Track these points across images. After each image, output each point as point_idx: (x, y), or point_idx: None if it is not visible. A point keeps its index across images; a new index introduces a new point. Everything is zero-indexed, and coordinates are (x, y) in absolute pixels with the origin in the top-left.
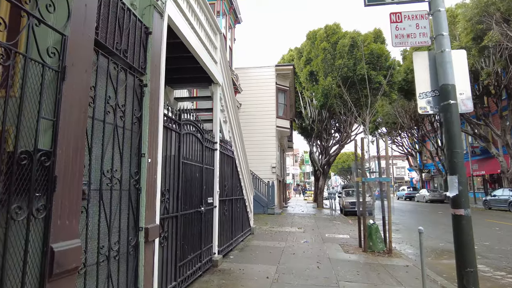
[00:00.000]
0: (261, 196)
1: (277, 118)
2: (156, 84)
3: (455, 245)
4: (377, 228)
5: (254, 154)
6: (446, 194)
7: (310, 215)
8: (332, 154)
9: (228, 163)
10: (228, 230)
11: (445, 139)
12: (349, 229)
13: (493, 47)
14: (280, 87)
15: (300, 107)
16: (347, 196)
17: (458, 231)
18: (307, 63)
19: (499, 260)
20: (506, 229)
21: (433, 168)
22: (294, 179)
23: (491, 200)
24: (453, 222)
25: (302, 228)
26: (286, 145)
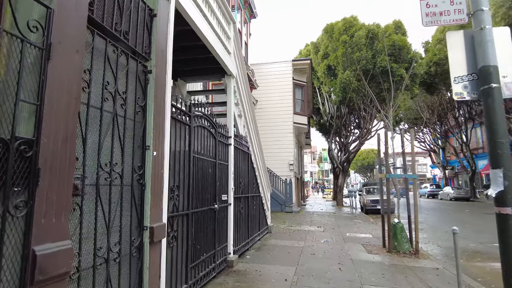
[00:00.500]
0: (279, 194)
1: (294, 114)
2: (162, 71)
3: (501, 248)
4: (402, 228)
5: (271, 151)
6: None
7: (329, 213)
8: (352, 151)
9: (244, 159)
10: (244, 228)
11: (486, 128)
12: (371, 228)
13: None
14: (297, 82)
15: (318, 103)
16: (368, 194)
17: (505, 232)
18: (324, 58)
19: None
20: None
21: (457, 164)
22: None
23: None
24: (498, 222)
25: (322, 227)
26: (303, 142)
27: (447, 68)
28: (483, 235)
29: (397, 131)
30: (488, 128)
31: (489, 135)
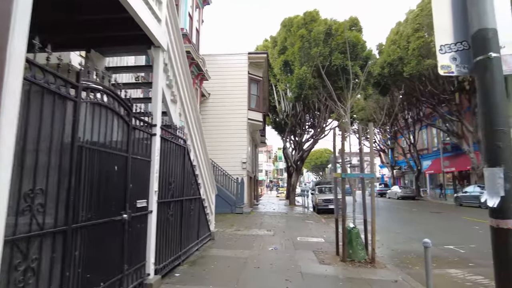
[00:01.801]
0: (229, 194)
1: (249, 110)
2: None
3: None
4: (358, 233)
5: (222, 148)
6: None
7: (281, 213)
8: (306, 149)
9: (178, 154)
10: (175, 239)
11: (481, 113)
12: (323, 230)
13: None
14: (253, 77)
15: (274, 101)
16: (320, 193)
17: (504, 253)
18: (281, 53)
19: None
20: (485, 228)
21: (404, 164)
22: (267, 175)
23: (462, 196)
24: (494, 239)
25: (272, 230)
26: (258, 140)
27: (399, 69)
28: (434, 236)
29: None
30: (484, 113)
31: (484, 122)
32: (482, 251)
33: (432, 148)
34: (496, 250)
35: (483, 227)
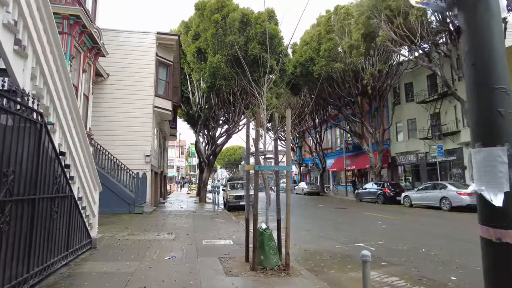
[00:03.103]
0: (127, 191)
1: (156, 97)
2: None
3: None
4: (270, 235)
5: (121, 138)
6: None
7: (189, 212)
8: (219, 144)
9: (25, 133)
10: (15, 256)
11: (468, 64)
12: (232, 229)
13: (378, 48)
14: (162, 60)
15: (187, 92)
16: (232, 190)
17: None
18: (195, 39)
19: (407, 266)
20: (387, 223)
21: (311, 162)
22: (179, 171)
23: (362, 192)
24: (492, 256)
25: (174, 232)
26: (168, 132)
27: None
28: (342, 232)
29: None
30: (473, 64)
31: (474, 77)
32: (390, 248)
33: (335, 147)
34: (496, 271)
35: (385, 222)
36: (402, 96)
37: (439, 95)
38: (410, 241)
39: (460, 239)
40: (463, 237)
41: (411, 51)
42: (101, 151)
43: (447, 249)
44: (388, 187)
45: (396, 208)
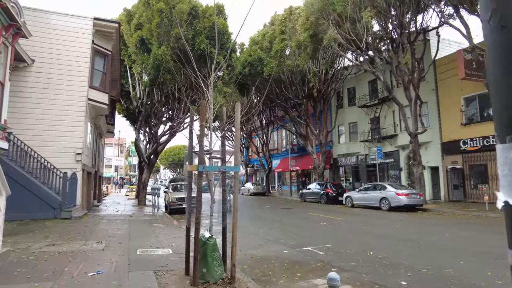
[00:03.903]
0: (52, 194)
1: (90, 89)
2: None
3: None
4: (214, 245)
5: (47, 134)
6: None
7: (125, 216)
8: (162, 142)
9: None
10: None
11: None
12: (173, 236)
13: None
14: (99, 49)
15: (128, 86)
16: (174, 191)
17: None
18: (138, 28)
19: (358, 271)
20: (332, 224)
21: (257, 163)
22: (117, 171)
23: (306, 193)
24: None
25: (105, 241)
26: (104, 128)
27: (259, 70)
28: (290, 235)
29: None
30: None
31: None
32: (338, 251)
33: (281, 148)
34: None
35: (330, 223)
36: (345, 100)
37: (379, 100)
38: (357, 244)
39: (403, 239)
40: (405, 237)
41: (356, 56)
42: (22, 148)
43: (393, 250)
44: (331, 188)
45: (338, 209)
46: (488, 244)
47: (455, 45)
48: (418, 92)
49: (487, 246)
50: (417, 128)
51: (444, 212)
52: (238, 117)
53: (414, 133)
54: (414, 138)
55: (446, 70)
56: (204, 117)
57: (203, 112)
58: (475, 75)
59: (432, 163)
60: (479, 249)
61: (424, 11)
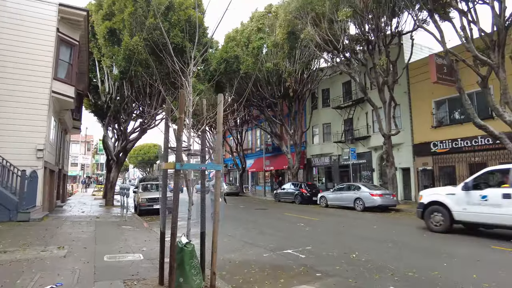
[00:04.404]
0: (7, 194)
1: (54, 80)
2: None
3: None
4: (192, 252)
5: (4, 128)
6: None
7: (91, 218)
8: (131, 139)
9: None
10: None
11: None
12: (143, 238)
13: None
14: (65, 38)
15: (96, 80)
16: (145, 191)
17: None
18: (106, 19)
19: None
20: (309, 224)
21: (231, 162)
22: (84, 170)
23: (280, 193)
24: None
25: (67, 246)
26: (70, 124)
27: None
28: (268, 237)
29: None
30: None
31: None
32: (320, 254)
33: (255, 148)
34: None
35: (307, 224)
36: (320, 101)
37: (353, 102)
38: (337, 246)
39: (382, 240)
40: (384, 238)
41: (333, 57)
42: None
43: (375, 253)
44: (305, 188)
45: (313, 209)
46: (464, 245)
47: (426, 50)
48: (394, 93)
49: (463, 246)
50: (391, 129)
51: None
52: (221, 109)
53: (387, 135)
54: (388, 140)
55: (417, 74)
56: (183, 108)
57: (182, 102)
58: (446, 79)
59: (403, 164)
60: (458, 250)
61: (399, 15)
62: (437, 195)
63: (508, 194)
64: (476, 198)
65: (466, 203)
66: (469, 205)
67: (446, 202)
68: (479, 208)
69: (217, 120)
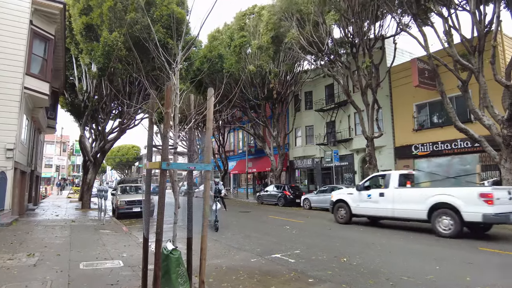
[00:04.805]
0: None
1: (27, 76)
2: None
3: None
4: (179, 259)
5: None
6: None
7: (66, 222)
8: (110, 140)
9: None
10: None
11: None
12: (123, 243)
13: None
14: (40, 32)
15: (73, 79)
16: (124, 194)
17: None
18: (84, 13)
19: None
20: (295, 227)
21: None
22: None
23: (264, 195)
24: None
25: (38, 253)
26: (44, 123)
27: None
28: (254, 240)
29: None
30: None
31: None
32: (309, 258)
33: (238, 150)
34: None
35: (293, 227)
36: (302, 103)
37: (335, 105)
38: (326, 249)
39: (370, 243)
40: (372, 240)
41: (317, 60)
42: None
43: (366, 256)
44: (288, 190)
45: (297, 211)
46: (450, 245)
47: (407, 55)
48: (377, 96)
49: (449, 248)
50: (373, 132)
51: None
52: (211, 104)
53: (370, 137)
54: (371, 142)
55: (399, 78)
56: (170, 102)
57: (169, 96)
58: (428, 83)
59: (385, 166)
60: (446, 251)
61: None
62: (342, 194)
63: (382, 193)
64: (365, 196)
65: (359, 200)
66: (361, 202)
67: (347, 199)
68: (367, 204)
69: (207, 116)
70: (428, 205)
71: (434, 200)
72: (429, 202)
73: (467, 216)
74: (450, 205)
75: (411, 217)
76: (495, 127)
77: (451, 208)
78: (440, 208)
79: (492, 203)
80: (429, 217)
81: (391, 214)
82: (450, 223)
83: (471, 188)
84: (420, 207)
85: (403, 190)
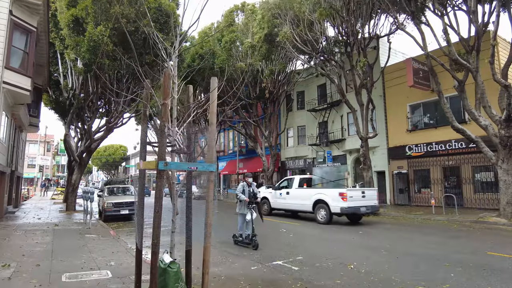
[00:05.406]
0: None
1: (6, 69)
2: None
3: None
4: (177, 273)
5: None
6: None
7: (49, 225)
8: (96, 139)
9: None
10: None
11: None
12: (111, 250)
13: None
14: (20, 23)
15: (58, 75)
16: (111, 195)
17: None
18: (72, 5)
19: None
20: (292, 231)
21: None
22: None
23: None
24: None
25: (16, 262)
26: (26, 120)
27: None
28: None
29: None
30: None
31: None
32: (313, 265)
33: (228, 150)
34: None
35: (290, 230)
36: (295, 103)
37: (328, 105)
38: (330, 255)
39: (375, 247)
40: (376, 244)
41: (310, 59)
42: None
43: (373, 262)
44: None
45: None
46: (461, 251)
47: (400, 55)
48: (371, 96)
49: (461, 253)
50: (368, 132)
51: (394, 215)
52: (214, 96)
53: (365, 137)
54: (365, 142)
55: (392, 78)
56: (169, 92)
57: (167, 85)
58: (422, 83)
59: (379, 167)
60: (457, 256)
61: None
62: (265, 192)
63: (288, 192)
64: (278, 194)
65: (275, 197)
66: (277, 199)
67: (268, 196)
68: (279, 200)
69: (210, 109)
70: (312, 201)
71: (316, 198)
72: (313, 199)
73: (333, 208)
74: (324, 201)
75: (304, 209)
76: (491, 127)
77: (325, 203)
78: (319, 203)
79: (346, 200)
80: (314, 210)
81: (294, 208)
82: (324, 214)
83: (335, 189)
84: (308, 202)
85: (300, 190)
